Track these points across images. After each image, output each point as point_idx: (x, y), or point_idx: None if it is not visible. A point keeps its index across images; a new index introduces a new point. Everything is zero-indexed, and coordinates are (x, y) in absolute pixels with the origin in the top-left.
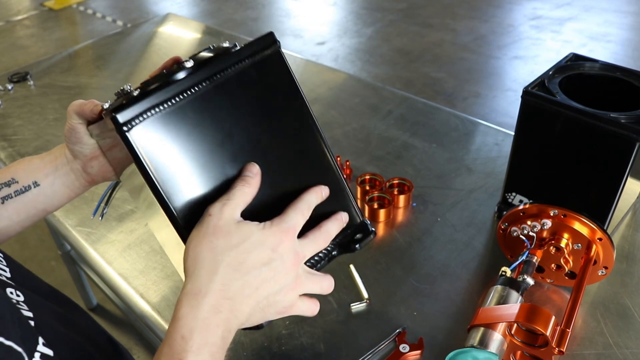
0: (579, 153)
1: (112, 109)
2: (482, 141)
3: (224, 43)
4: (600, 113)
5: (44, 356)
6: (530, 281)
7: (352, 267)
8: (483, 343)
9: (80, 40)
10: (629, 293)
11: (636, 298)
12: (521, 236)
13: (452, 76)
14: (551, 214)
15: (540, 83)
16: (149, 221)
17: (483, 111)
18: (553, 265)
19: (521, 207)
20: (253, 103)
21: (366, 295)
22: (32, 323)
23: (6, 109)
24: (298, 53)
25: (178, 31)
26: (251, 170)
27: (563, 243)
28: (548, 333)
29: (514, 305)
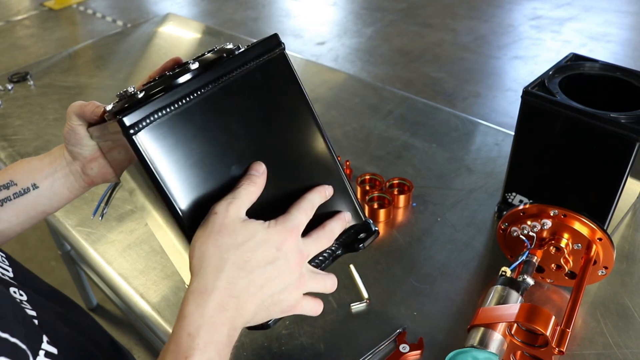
0: (579, 153)
1: (117, 112)
2: (482, 141)
3: (227, 44)
4: (600, 113)
5: (49, 354)
6: (530, 281)
7: (352, 267)
8: (483, 343)
9: (80, 40)
10: (629, 293)
11: (636, 298)
12: (521, 236)
13: (452, 76)
14: (551, 214)
15: (540, 83)
16: (148, 222)
17: (483, 111)
18: (553, 265)
19: (521, 207)
20: (258, 104)
21: (366, 295)
22: (36, 322)
23: (6, 109)
24: (298, 53)
25: (178, 31)
26: (257, 169)
27: (563, 243)
28: (548, 333)
29: (514, 305)
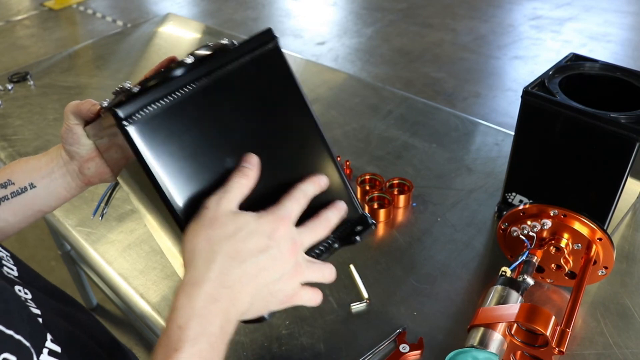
0: (579, 153)
1: (112, 107)
2: (482, 141)
3: (223, 40)
4: (600, 113)
5: (52, 352)
6: (530, 281)
7: (352, 267)
8: (483, 343)
9: (80, 40)
10: (629, 293)
11: (636, 298)
12: (521, 236)
13: (452, 76)
14: (551, 214)
15: (540, 83)
16: (147, 222)
17: (483, 111)
18: (553, 265)
19: (521, 207)
20: (252, 98)
21: (366, 295)
22: (40, 320)
23: (6, 109)
24: (298, 53)
25: (178, 31)
26: (249, 161)
27: (563, 243)
28: (548, 333)
29: (514, 305)
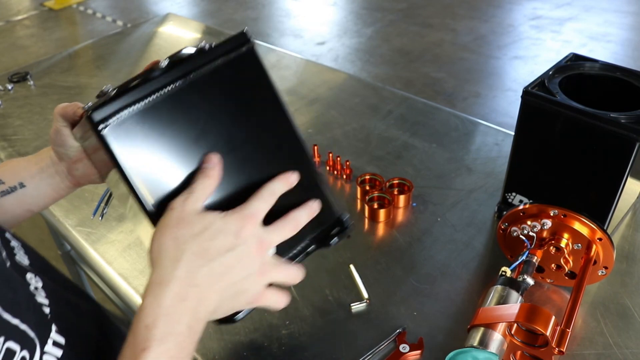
0: (579, 153)
1: (89, 110)
2: (482, 141)
3: (202, 43)
4: (600, 113)
5: (56, 344)
6: (530, 281)
7: (352, 267)
8: (483, 343)
9: (80, 40)
10: (629, 293)
11: (636, 298)
12: (521, 236)
13: (452, 76)
14: (551, 214)
15: (540, 83)
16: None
17: (483, 111)
18: (553, 265)
19: (521, 207)
20: (227, 100)
21: (366, 295)
22: (47, 310)
23: (6, 109)
24: (298, 53)
25: (178, 31)
26: (210, 160)
27: (563, 243)
28: (548, 333)
29: (514, 305)
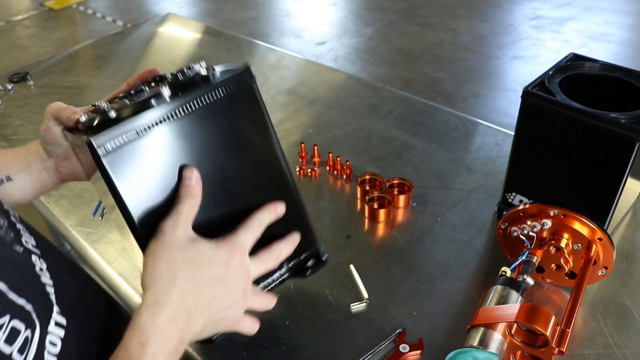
0: (579, 153)
1: (87, 128)
2: (482, 141)
3: (200, 64)
4: (600, 113)
5: (59, 324)
6: (530, 281)
7: (352, 267)
8: (483, 343)
9: (80, 40)
10: (629, 293)
11: (636, 298)
12: (521, 236)
13: (452, 76)
14: (551, 214)
15: (540, 83)
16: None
17: (483, 111)
18: (553, 265)
19: (521, 207)
20: (223, 130)
21: (366, 295)
22: (52, 290)
23: (6, 109)
24: (298, 53)
25: (178, 31)
26: (189, 176)
27: (563, 243)
28: (548, 333)
29: (514, 305)
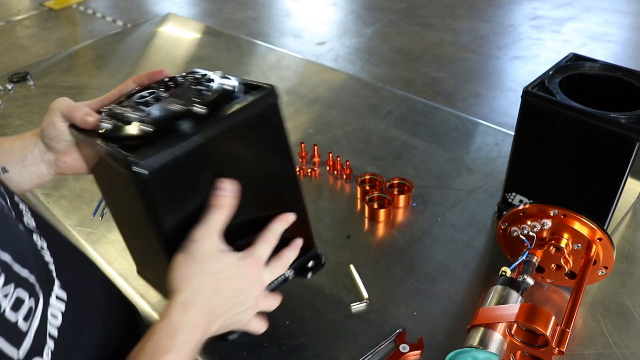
0: (579, 153)
1: (122, 147)
2: (482, 141)
3: (216, 75)
4: (600, 113)
5: (59, 298)
6: (530, 281)
7: (352, 267)
8: (483, 343)
9: (80, 40)
10: (629, 293)
11: (636, 298)
12: (521, 236)
13: (452, 76)
14: (551, 214)
15: (540, 83)
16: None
17: (483, 111)
18: (553, 265)
19: (521, 207)
20: (246, 146)
21: (366, 295)
22: (52, 267)
23: (6, 109)
24: (298, 53)
25: (178, 31)
26: (224, 188)
27: (563, 243)
28: (548, 333)
29: (514, 305)
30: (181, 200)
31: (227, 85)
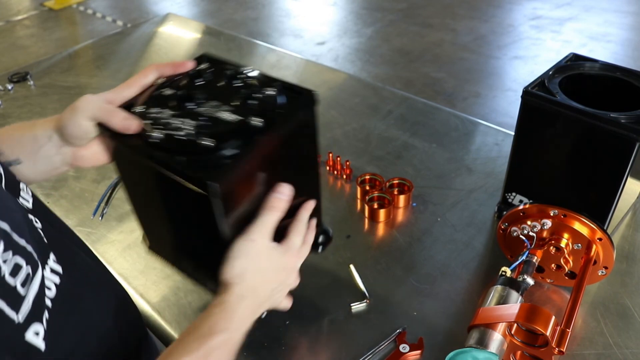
0: (579, 153)
1: (193, 166)
2: (482, 141)
3: (252, 73)
4: (600, 113)
5: (54, 271)
6: (530, 281)
7: (352, 267)
8: (483, 343)
9: (80, 40)
10: (629, 293)
11: (636, 298)
12: (521, 236)
13: (452, 76)
14: (551, 214)
15: (540, 83)
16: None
17: (483, 111)
18: (553, 265)
19: (521, 207)
20: (292, 147)
21: (366, 295)
22: (47, 244)
23: (6, 109)
24: (298, 53)
25: (178, 31)
26: (283, 192)
27: (563, 243)
28: (548, 333)
29: (514, 305)
30: (239, 204)
31: (271, 91)
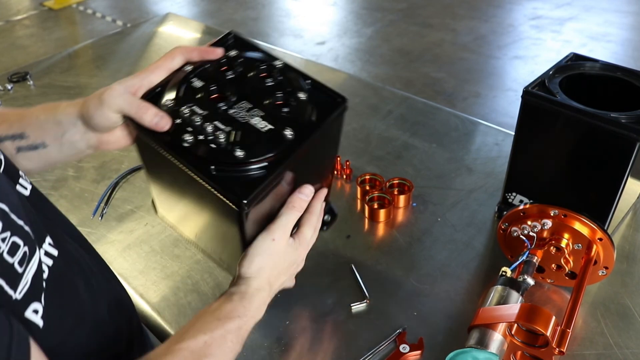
0: (579, 153)
1: (228, 190)
2: (482, 141)
3: (280, 65)
4: (600, 113)
5: (49, 254)
6: (530, 281)
7: (353, 267)
8: (483, 343)
9: (80, 40)
10: (630, 293)
11: (636, 298)
12: (521, 236)
13: (452, 76)
14: (551, 214)
15: (540, 83)
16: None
17: (483, 111)
18: (553, 265)
19: (521, 207)
20: (320, 149)
21: (366, 295)
22: (43, 228)
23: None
24: (298, 53)
25: (178, 31)
26: (307, 194)
27: (563, 243)
28: (548, 333)
29: (514, 305)
30: (265, 212)
31: (303, 95)
